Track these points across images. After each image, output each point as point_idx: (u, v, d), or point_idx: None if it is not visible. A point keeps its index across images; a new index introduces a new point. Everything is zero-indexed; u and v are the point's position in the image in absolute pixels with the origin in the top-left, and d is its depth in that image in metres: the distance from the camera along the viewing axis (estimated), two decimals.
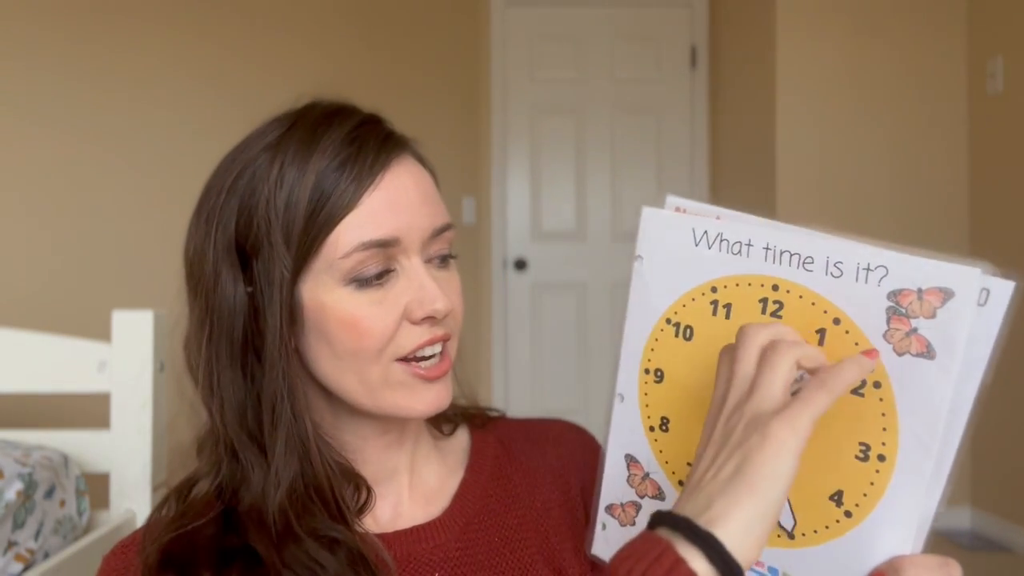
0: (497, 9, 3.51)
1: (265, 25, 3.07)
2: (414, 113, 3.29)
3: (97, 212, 2.81)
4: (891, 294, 0.43)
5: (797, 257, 0.46)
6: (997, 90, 2.76)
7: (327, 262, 0.56)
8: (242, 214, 0.58)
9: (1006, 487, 2.73)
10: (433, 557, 0.62)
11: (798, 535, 0.48)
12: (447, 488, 0.67)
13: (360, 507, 0.61)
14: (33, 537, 1.23)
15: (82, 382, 1.41)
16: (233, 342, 0.58)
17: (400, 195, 0.58)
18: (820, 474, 0.46)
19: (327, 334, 0.57)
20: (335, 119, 0.59)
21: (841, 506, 0.46)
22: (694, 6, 3.57)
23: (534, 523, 0.66)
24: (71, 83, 2.80)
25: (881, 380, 0.44)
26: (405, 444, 0.66)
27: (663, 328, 0.53)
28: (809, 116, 2.92)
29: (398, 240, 0.57)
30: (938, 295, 0.42)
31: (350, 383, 0.58)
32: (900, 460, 0.43)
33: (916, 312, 0.42)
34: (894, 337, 0.43)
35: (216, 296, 0.58)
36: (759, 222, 0.49)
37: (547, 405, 3.52)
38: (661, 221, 0.53)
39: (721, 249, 0.50)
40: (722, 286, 0.50)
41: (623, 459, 0.56)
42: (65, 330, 1.50)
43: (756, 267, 0.48)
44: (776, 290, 0.47)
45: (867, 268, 0.44)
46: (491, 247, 3.55)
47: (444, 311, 0.58)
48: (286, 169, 0.56)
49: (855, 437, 0.45)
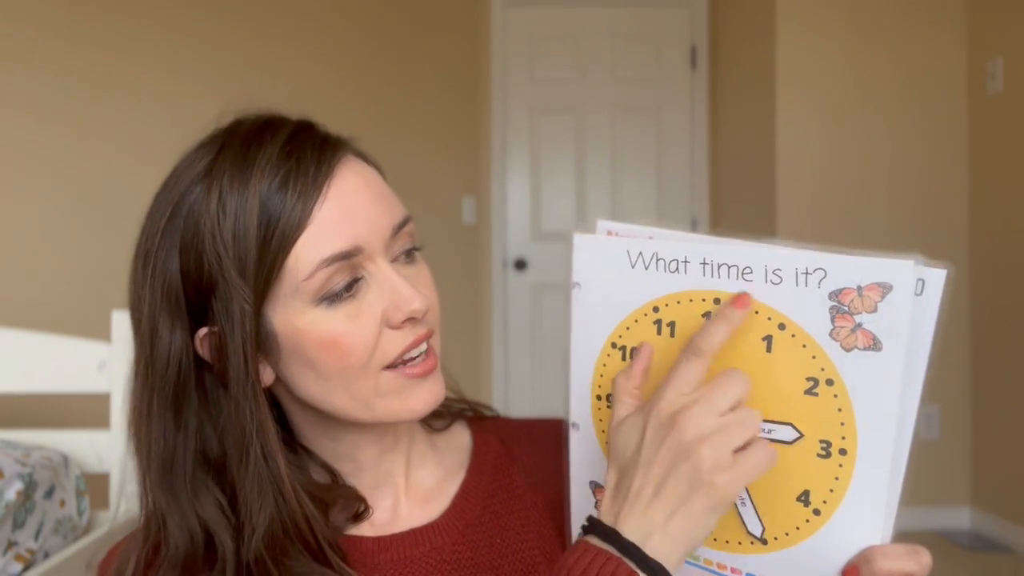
0: (497, 9, 3.51)
1: (266, 26, 3.07)
2: (414, 113, 3.31)
3: (97, 212, 2.81)
4: (832, 294, 0.44)
5: (735, 269, 0.47)
6: (997, 90, 2.76)
7: (292, 286, 0.54)
8: (185, 253, 0.55)
9: (1006, 487, 2.73)
10: (432, 559, 0.61)
11: (770, 539, 0.49)
12: (447, 488, 0.66)
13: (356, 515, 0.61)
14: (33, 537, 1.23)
15: (82, 382, 1.41)
16: (166, 393, 0.55)
17: (352, 200, 0.55)
18: (784, 477, 0.47)
19: (308, 358, 0.55)
20: (265, 134, 0.56)
21: (809, 505, 0.47)
22: (694, 6, 3.57)
23: (536, 524, 0.65)
24: (71, 83, 2.80)
25: (833, 377, 0.45)
26: (400, 446, 0.65)
27: (609, 353, 0.53)
28: (809, 116, 2.92)
29: (360, 248, 0.54)
30: (877, 290, 0.43)
31: (341, 401, 0.57)
32: (861, 452, 0.45)
33: (858, 308, 0.44)
34: (840, 335, 0.44)
35: (154, 345, 0.55)
36: (693, 238, 0.49)
37: (547, 405, 3.52)
38: (595, 246, 0.52)
39: (658, 268, 0.50)
40: (663, 304, 0.50)
41: (587, 487, 0.56)
42: (65, 330, 1.50)
43: (695, 283, 0.48)
44: (718, 303, 0.48)
45: (806, 272, 0.45)
46: (491, 247, 3.55)
47: (422, 310, 0.56)
48: (225, 197, 0.53)
49: (815, 435, 0.46)
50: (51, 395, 1.45)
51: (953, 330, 2.89)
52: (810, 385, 0.46)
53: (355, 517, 0.61)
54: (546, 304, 3.57)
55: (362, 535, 0.62)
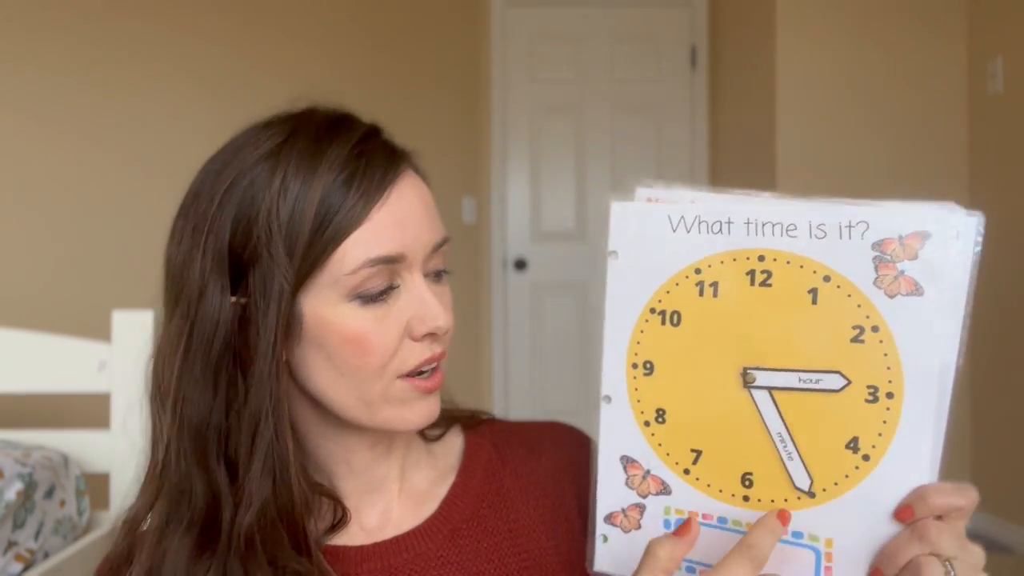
0: (497, 9, 3.51)
1: (266, 26, 3.07)
2: (414, 113, 3.30)
3: (97, 212, 2.81)
4: (875, 244, 0.47)
5: (779, 226, 0.49)
6: (997, 90, 2.76)
7: (333, 277, 0.55)
8: (239, 223, 0.56)
9: (1006, 487, 2.73)
10: (416, 565, 0.61)
11: (818, 491, 0.49)
12: (438, 491, 0.66)
13: (334, 525, 0.60)
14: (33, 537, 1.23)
15: (82, 382, 1.41)
16: (210, 358, 0.56)
17: (406, 211, 0.57)
18: (832, 426, 0.48)
19: (328, 349, 0.56)
20: (339, 130, 0.58)
21: (858, 451, 0.48)
22: (694, 6, 3.57)
23: (525, 529, 0.65)
24: (71, 83, 2.80)
25: (878, 324, 0.47)
26: (395, 453, 0.65)
27: (648, 319, 0.53)
28: (809, 116, 2.92)
29: (404, 256, 0.57)
30: (918, 238, 0.46)
31: (347, 398, 0.57)
32: (908, 394, 0.47)
33: (900, 256, 0.46)
34: (884, 282, 0.47)
35: (200, 307, 0.56)
36: (736, 198, 0.50)
37: (547, 405, 3.52)
38: (634, 213, 0.53)
39: (700, 231, 0.51)
40: (706, 266, 0.51)
41: (619, 463, 0.55)
42: (65, 330, 1.50)
43: (739, 242, 0.50)
44: (762, 260, 0.49)
45: (849, 225, 0.47)
46: (491, 247, 3.55)
47: (446, 328, 0.58)
48: (289, 181, 0.55)
49: (863, 381, 0.47)
50: (51, 395, 1.45)
51: None
52: (856, 333, 0.47)
53: (332, 528, 0.61)
54: (546, 304, 3.57)
55: (349, 543, 0.62)
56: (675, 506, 0.53)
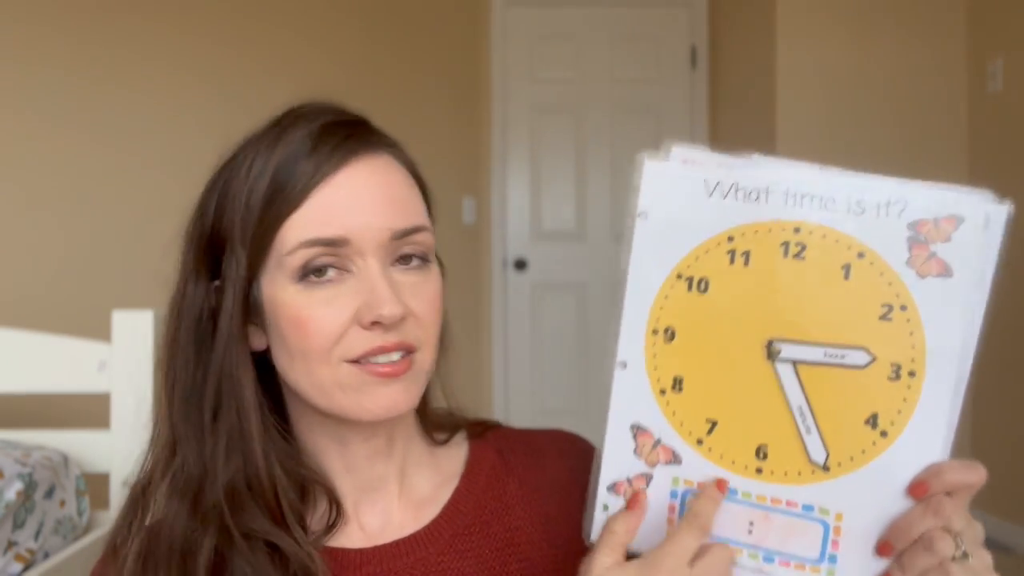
0: (497, 9, 3.51)
1: (266, 25, 3.07)
2: (414, 113, 3.30)
3: (97, 212, 2.81)
4: (910, 225, 0.48)
5: (818, 199, 0.49)
6: (997, 90, 2.76)
7: (277, 259, 0.56)
8: (218, 209, 0.58)
9: (1006, 487, 2.73)
10: (416, 571, 0.60)
11: (833, 466, 0.49)
12: (440, 496, 0.65)
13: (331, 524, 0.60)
14: (33, 537, 1.23)
15: (82, 382, 1.41)
16: (193, 337, 0.59)
17: (354, 193, 0.56)
18: (853, 401, 0.49)
19: (280, 332, 0.57)
20: (313, 115, 0.58)
21: (876, 428, 0.48)
22: (694, 6, 3.56)
23: (527, 536, 0.64)
24: (71, 82, 2.80)
25: (907, 303, 0.48)
26: (394, 453, 0.64)
27: (673, 284, 0.52)
28: (809, 116, 2.92)
29: (345, 240, 0.55)
30: (952, 221, 0.47)
31: (302, 382, 0.57)
32: (929, 373, 0.48)
33: (933, 238, 0.47)
34: (916, 262, 0.48)
35: (186, 291, 0.59)
36: (775, 166, 0.50)
37: (547, 405, 3.52)
38: (668, 175, 0.51)
39: (737, 198, 0.50)
40: (739, 234, 0.50)
41: (628, 431, 0.53)
42: (65, 330, 1.50)
43: (775, 212, 0.49)
44: (798, 232, 0.49)
45: (887, 203, 0.48)
46: (491, 247, 3.55)
47: (391, 317, 0.54)
48: (253, 163, 0.56)
49: (887, 359, 0.48)
50: (51, 395, 1.45)
51: None
52: (885, 311, 0.48)
53: (329, 528, 0.60)
54: (546, 304, 3.57)
55: (348, 545, 0.61)
56: (684, 477, 0.52)
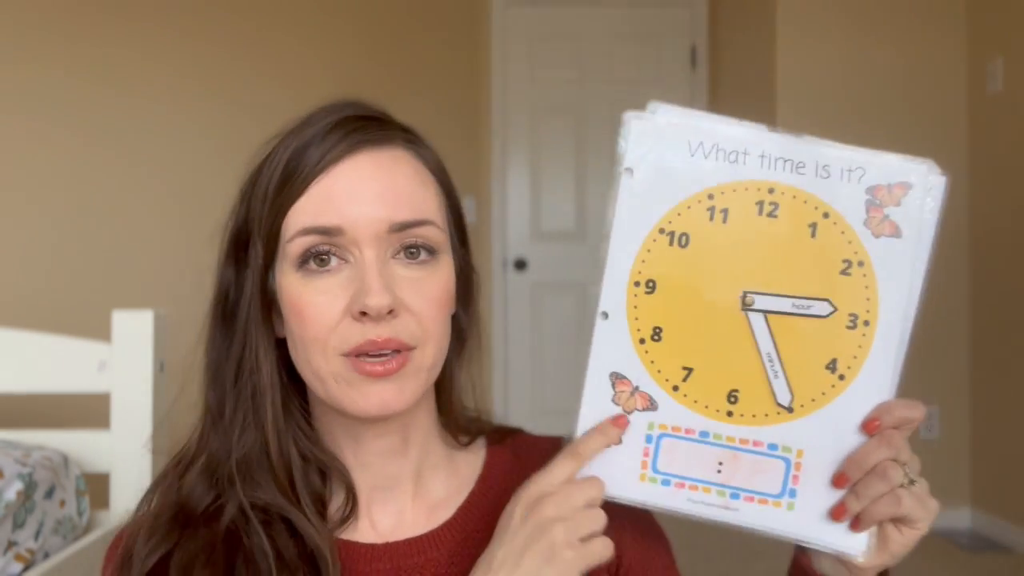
0: (497, 9, 3.51)
1: (266, 26, 3.07)
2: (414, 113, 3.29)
3: (97, 212, 2.81)
4: (868, 189, 0.54)
5: (790, 163, 0.54)
6: (997, 90, 2.76)
7: (283, 247, 0.57)
8: (244, 198, 0.61)
9: (1006, 487, 2.73)
10: (426, 571, 0.61)
11: (796, 407, 0.54)
12: (454, 499, 0.65)
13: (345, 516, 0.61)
14: (33, 537, 1.23)
15: (82, 382, 1.41)
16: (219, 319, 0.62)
17: (354, 184, 0.56)
18: (816, 348, 0.54)
19: (287, 319, 0.58)
20: (335, 110, 0.59)
21: (835, 372, 0.54)
22: (694, 6, 3.57)
23: None
24: (72, 83, 2.80)
25: (864, 260, 0.54)
26: (409, 453, 0.64)
27: (655, 239, 0.55)
28: (809, 115, 2.92)
29: (341, 230, 0.55)
30: (902, 188, 0.54)
31: (306, 370, 0.58)
32: (880, 322, 0.53)
33: (887, 202, 0.53)
34: (872, 223, 0.54)
35: (218, 279, 0.62)
36: (751, 130, 0.55)
37: (547, 405, 3.52)
38: (654, 133, 0.56)
39: (717, 158, 0.55)
40: (719, 192, 0.54)
41: (607, 379, 0.56)
42: (65, 330, 1.50)
43: (752, 173, 0.54)
44: (772, 192, 0.54)
45: (850, 169, 0.53)
46: (491, 247, 3.55)
47: (377, 307, 0.54)
48: (275, 154, 0.59)
49: (846, 309, 0.54)
50: (51, 395, 1.45)
51: (953, 329, 2.89)
52: (845, 266, 0.54)
53: (343, 520, 0.61)
54: (546, 304, 3.57)
55: (361, 540, 0.62)
56: (659, 422, 0.56)
